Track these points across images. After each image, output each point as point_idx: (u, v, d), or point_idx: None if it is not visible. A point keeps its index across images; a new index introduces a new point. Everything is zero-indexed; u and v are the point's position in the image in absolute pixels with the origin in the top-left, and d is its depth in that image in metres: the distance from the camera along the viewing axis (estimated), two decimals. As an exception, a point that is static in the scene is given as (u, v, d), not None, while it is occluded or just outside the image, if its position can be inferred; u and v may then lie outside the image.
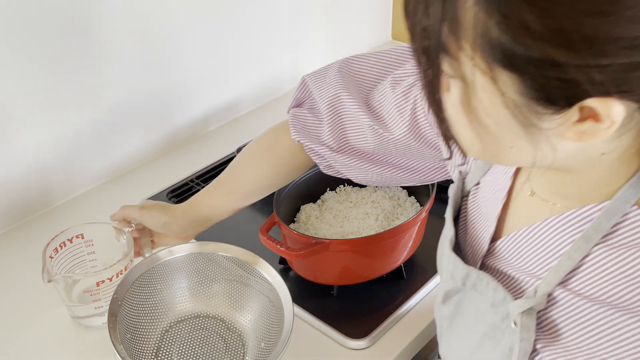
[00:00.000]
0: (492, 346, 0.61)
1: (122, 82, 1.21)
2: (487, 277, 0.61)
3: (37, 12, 1.03)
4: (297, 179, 1.06)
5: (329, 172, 0.88)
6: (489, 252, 0.65)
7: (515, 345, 0.57)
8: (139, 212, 0.90)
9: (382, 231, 0.95)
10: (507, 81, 0.45)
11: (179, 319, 0.91)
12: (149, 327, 0.88)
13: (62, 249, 0.92)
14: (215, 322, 0.91)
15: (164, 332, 0.89)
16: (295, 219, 1.07)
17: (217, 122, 1.44)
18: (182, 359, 0.87)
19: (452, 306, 0.67)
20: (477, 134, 0.51)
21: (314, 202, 1.10)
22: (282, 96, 1.55)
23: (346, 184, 1.11)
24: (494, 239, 0.64)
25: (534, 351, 0.57)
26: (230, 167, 0.92)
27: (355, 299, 0.99)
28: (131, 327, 0.85)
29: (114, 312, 0.81)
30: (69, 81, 1.12)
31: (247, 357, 0.87)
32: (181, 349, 0.88)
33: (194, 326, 0.90)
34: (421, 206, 1.06)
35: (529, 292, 0.57)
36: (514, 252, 0.61)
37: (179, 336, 0.89)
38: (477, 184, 0.69)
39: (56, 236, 0.91)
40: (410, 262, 1.03)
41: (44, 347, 0.93)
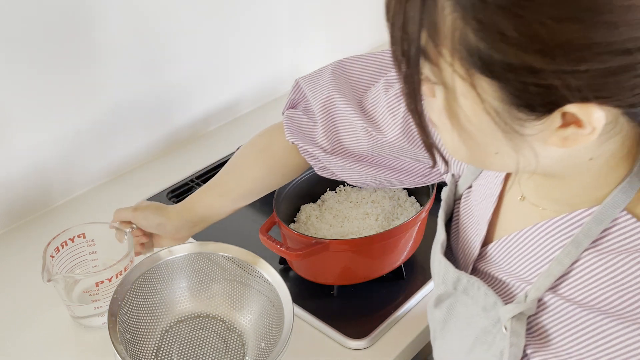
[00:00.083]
0: (484, 351, 0.61)
1: (122, 82, 1.21)
2: (477, 281, 0.61)
3: (37, 12, 1.03)
4: (297, 179, 1.06)
5: (323, 173, 0.88)
6: (480, 257, 0.65)
7: (505, 350, 0.57)
8: (132, 213, 0.90)
9: (382, 231, 0.95)
10: (486, 88, 0.45)
11: (179, 319, 0.91)
12: (149, 327, 0.88)
13: (63, 248, 0.92)
14: (215, 322, 0.91)
15: (164, 332, 0.89)
16: (295, 219, 1.07)
17: (217, 122, 1.44)
18: (182, 359, 0.87)
19: (445, 310, 0.67)
20: (462, 140, 0.51)
21: (314, 202, 1.10)
22: (281, 96, 1.55)
23: (346, 184, 1.11)
24: (485, 243, 0.64)
25: (525, 356, 0.56)
26: (225, 168, 0.92)
27: (355, 299, 0.99)
28: (131, 327, 0.85)
29: (113, 312, 0.81)
30: (69, 81, 1.12)
31: (247, 357, 0.87)
32: (181, 349, 0.88)
33: (194, 326, 0.90)
34: (421, 206, 1.06)
35: (520, 297, 0.57)
36: (505, 256, 0.61)
37: (179, 336, 0.89)
38: (469, 187, 0.69)
39: (58, 235, 0.91)
40: (410, 262, 1.03)
41: (44, 347, 0.93)
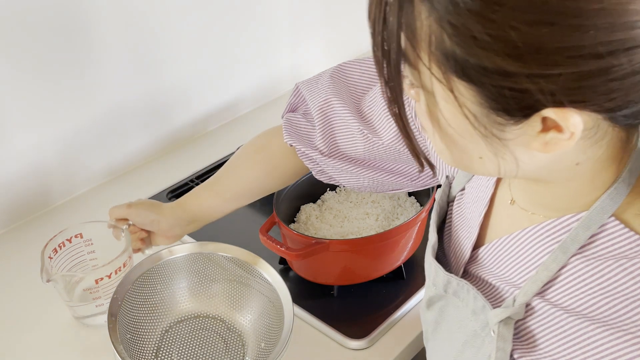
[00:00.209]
0: (473, 354, 0.61)
1: (122, 82, 1.21)
2: (467, 284, 0.61)
3: (37, 12, 1.03)
4: (297, 179, 1.06)
5: (321, 177, 0.87)
6: (471, 260, 0.64)
7: (492, 354, 0.57)
8: (127, 210, 0.90)
9: (382, 231, 0.95)
10: (464, 92, 0.45)
11: (179, 319, 0.91)
12: (149, 327, 0.88)
13: (61, 249, 0.92)
14: (215, 322, 0.91)
15: (164, 332, 0.89)
16: (295, 219, 1.07)
17: (217, 122, 1.44)
18: (182, 359, 0.87)
19: (436, 312, 0.67)
20: (446, 145, 0.51)
21: (314, 202, 1.10)
22: (281, 96, 1.55)
23: (346, 184, 1.12)
24: (477, 246, 0.64)
25: None
26: (222, 168, 0.92)
27: (355, 299, 0.99)
28: (131, 327, 0.85)
29: (113, 312, 0.81)
30: (69, 81, 1.12)
31: (247, 357, 0.87)
32: (181, 349, 0.88)
33: (194, 326, 0.90)
34: (421, 206, 1.06)
35: (508, 302, 0.57)
36: (495, 260, 0.61)
37: (179, 336, 0.89)
38: (462, 190, 0.69)
39: (54, 236, 0.91)
40: (410, 262, 1.03)
41: (44, 347, 0.93)
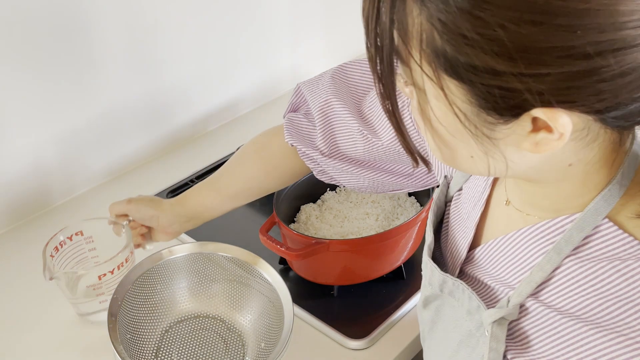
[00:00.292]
0: (467, 354, 0.61)
1: (122, 82, 1.21)
2: (462, 284, 0.61)
3: (37, 13, 1.03)
4: (297, 180, 1.06)
5: (322, 177, 0.87)
6: (467, 260, 0.64)
7: (485, 354, 0.57)
8: (126, 206, 0.90)
9: (382, 231, 0.95)
10: (454, 90, 0.45)
11: (179, 319, 0.91)
12: (149, 327, 0.88)
13: (62, 247, 0.92)
14: (215, 322, 0.91)
15: (164, 332, 0.89)
16: (295, 219, 1.07)
17: (217, 122, 1.44)
18: (182, 359, 0.87)
19: (433, 311, 0.67)
20: (438, 143, 0.51)
21: (314, 202, 1.10)
22: (281, 96, 1.55)
23: (346, 184, 1.12)
24: (473, 246, 0.64)
25: None
26: (222, 167, 0.92)
27: (355, 299, 0.99)
28: (131, 327, 0.85)
29: (113, 312, 0.81)
30: (69, 81, 1.12)
31: (247, 357, 0.87)
32: (181, 349, 0.88)
33: (194, 326, 0.90)
34: (421, 206, 1.06)
35: (502, 302, 0.57)
36: (490, 260, 0.61)
37: (179, 336, 0.89)
38: (460, 190, 0.69)
39: (55, 235, 0.91)
40: (410, 262, 1.03)
41: (44, 347, 0.93)
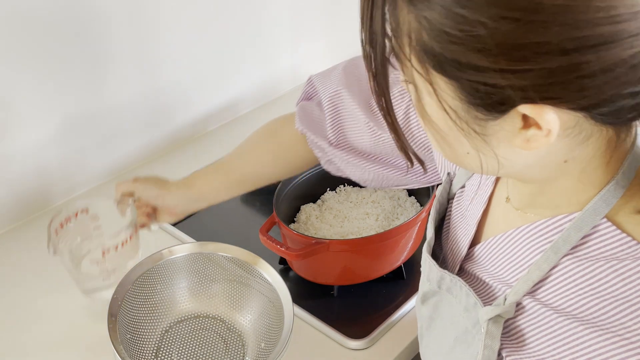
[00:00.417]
0: (463, 350, 0.61)
1: (122, 82, 1.21)
2: (460, 281, 0.61)
3: (38, 13, 1.03)
4: (297, 179, 1.06)
5: (329, 168, 0.88)
6: (467, 257, 0.65)
7: (479, 351, 0.57)
8: (133, 184, 0.90)
9: (382, 231, 0.95)
10: (444, 87, 0.46)
11: (179, 319, 0.91)
12: (149, 327, 0.88)
13: (67, 224, 0.91)
14: (215, 322, 0.91)
15: (164, 332, 0.89)
16: (295, 219, 1.07)
17: (217, 122, 1.44)
18: (182, 359, 0.87)
19: (431, 307, 0.68)
20: (436, 140, 0.52)
21: (314, 202, 1.10)
22: (281, 96, 1.55)
23: (346, 184, 1.12)
24: (474, 243, 0.64)
25: (500, 358, 0.56)
26: (232, 151, 0.93)
27: (355, 299, 0.99)
28: (131, 327, 0.85)
29: (113, 312, 0.81)
30: (69, 81, 1.12)
31: (247, 357, 0.87)
32: (181, 349, 0.88)
33: (194, 326, 0.90)
34: (421, 206, 1.06)
35: (499, 300, 0.57)
36: (490, 258, 0.61)
37: (179, 336, 0.89)
38: (463, 187, 0.69)
39: (60, 211, 0.90)
40: (410, 262, 1.03)
41: (44, 346, 0.93)
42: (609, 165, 0.51)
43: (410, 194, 1.09)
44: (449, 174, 0.71)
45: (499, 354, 0.56)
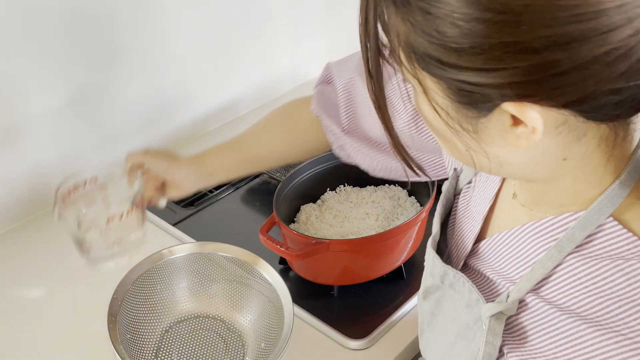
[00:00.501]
0: (464, 346, 0.61)
1: (122, 82, 1.21)
2: (463, 277, 0.61)
3: (38, 14, 1.03)
4: (297, 179, 1.06)
5: (340, 153, 0.87)
6: (472, 253, 0.65)
7: (480, 348, 0.57)
8: (143, 156, 0.89)
9: (382, 231, 0.95)
10: (432, 86, 0.47)
11: (179, 319, 0.91)
12: (149, 327, 0.88)
13: (76, 191, 0.89)
14: (215, 322, 0.91)
15: (164, 332, 0.89)
16: (295, 219, 1.07)
17: (217, 122, 1.44)
18: (182, 359, 0.87)
19: (433, 303, 0.68)
20: (438, 138, 0.53)
21: (314, 202, 1.10)
22: (281, 96, 1.55)
23: (346, 184, 1.12)
24: (479, 239, 0.64)
25: (501, 355, 0.56)
26: (247, 129, 0.92)
27: (355, 299, 0.99)
28: (131, 327, 0.85)
29: (113, 312, 0.81)
30: (68, 82, 1.12)
31: (247, 357, 0.87)
32: (181, 349, 0.88)
33: (194, 326, 0.90)
34: (421, 206, 1.06)
35: (502, 297, 0.57)
36: (494, 254, 0.61)
37: (179, 336, 0.89)
38: (470, 183, 0.69)
39: (67, 178, 0.88)
40: (410, 262, 1.03)
41: (44, 346, 0.93)
42: (609, 163, 0.51)
43: (410, 194, 1.09)
44: (455, 170, 0.71)
45: (500, 350, 0.56)
